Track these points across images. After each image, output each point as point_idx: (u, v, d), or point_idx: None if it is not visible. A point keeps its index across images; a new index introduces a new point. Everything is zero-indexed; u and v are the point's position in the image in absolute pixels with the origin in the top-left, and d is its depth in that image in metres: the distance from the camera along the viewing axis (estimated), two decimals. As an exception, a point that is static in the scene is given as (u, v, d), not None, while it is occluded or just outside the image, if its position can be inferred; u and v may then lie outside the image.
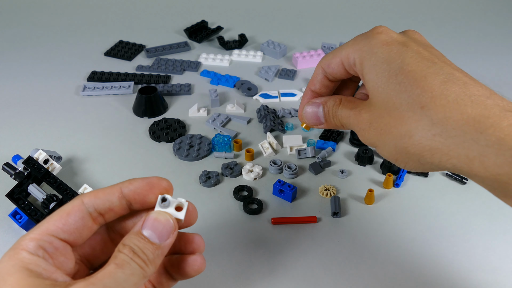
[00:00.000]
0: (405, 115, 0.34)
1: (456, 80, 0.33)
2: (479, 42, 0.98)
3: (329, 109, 0.41)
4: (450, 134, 0.32)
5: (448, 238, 0.54)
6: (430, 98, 0.33)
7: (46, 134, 0.70)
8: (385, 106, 0.36)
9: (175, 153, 0.66)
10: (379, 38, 0.37)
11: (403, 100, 0.34)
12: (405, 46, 0.36)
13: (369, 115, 0.37)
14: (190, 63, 0.87)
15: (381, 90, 0.36)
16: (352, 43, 0.39)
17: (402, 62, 0.35)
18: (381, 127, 0.36)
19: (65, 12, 1.09)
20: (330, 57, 0.41)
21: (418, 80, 0.34)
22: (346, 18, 1.08)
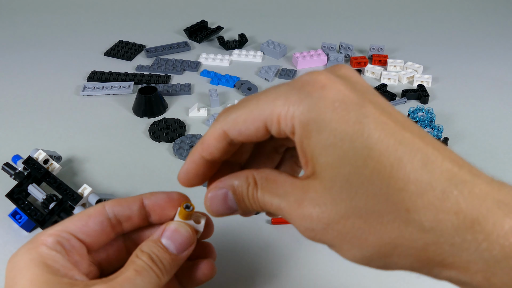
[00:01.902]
0: (384, 220, 0.26)
1: (435, 161, 0.26)
2: (479, 41, 0.98)
3: (242, 193, 0.31)
4: (447, 241, 0.25)
5: (448, 238, 0.54)
6: (415, 195, 0.25)
7: (46, 134, 0.70)
8: (352, 204, 0.26)
9: (175, 153, 0.66)
10: (327, 97, 0.27)
11: (379, 198, 0.26)
12: (362, 109, 0.27)
13: (322, 212, 0.27)
14: (190, 63, 0.87)
15: (344, 182, 0.26)
16: (285, 100, 0.27)
17: (367, 138, 0.26)
18: (346, 231, 0.27)
19: (65, 12, 1.09)
20: (242, 120, 0.29)
21: (395, 167, 0.25)
22: (346, 18, 1.08)
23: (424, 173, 0.25)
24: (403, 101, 0.77)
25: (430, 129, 0.65)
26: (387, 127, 0.26)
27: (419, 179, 0.25)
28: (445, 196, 0.25)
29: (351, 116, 0.26)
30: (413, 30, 1.02)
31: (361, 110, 0.27)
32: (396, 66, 0.86)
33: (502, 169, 0.63)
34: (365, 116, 0.26)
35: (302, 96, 0.27)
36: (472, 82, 0.83)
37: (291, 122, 0.27)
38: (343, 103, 0.27)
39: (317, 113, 0.27)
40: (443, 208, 0.25)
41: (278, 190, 0.29)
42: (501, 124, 0.72)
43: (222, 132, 0.30)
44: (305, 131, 0.27)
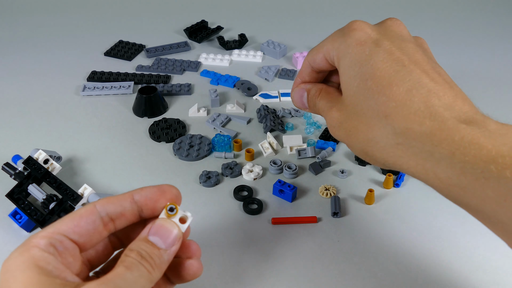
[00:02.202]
0: (371, 122, 0.36)
1: (421, 88, 0.34)
2: (478, 41, 0.98)
3: (311, 97, 0.44)
4: (411, 144, 0.33)
5: (448, 238, 0.54)
6: (393, 108, 0.34)
7: (46, 134, 0.70)
8: (354, 110, 0.37)
9: (175, 153, 0.66)
10: (353, 36, 0.38)
11: (370, 107, 0.36)
12: (377, 46, 0.37)
13: (340, 115, 0.39)
14: (190, 63, 0.87)
15: (352, 93, 0.37)
16: (331, 40, 0.40)
17: (372, 66, 0.36)
18: (349, 129, 0.38)
19: (65, 12, 1.09)
20: (315, 52, 0.42)
21: (384, 88, 0.35)
22: (346, 18, 1.08)
23: (407, 96, 0.34)
24: (403, 101, 0.77)
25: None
26: (392, 60, 0.36)
27: (400, 98, 0.34)
28: (416, 112, 0.33)
29: (365, 49, 0.37)
30: (412, 30, 1.02)
31: (375, 46, 0.36)
32: (396, 66, 0.86)
33: (502, 169, 0.63)
34: (377, 51, 0.36)
35: (339, 35, 0.39)
36: (472, 82, 0.83)
37: (332, 53, 0.40)
38: (364, 40, 0.37)
39: (344, 46, 0.38)
40: (412, 119, 0.33)
41: (328, 98, 0.42)
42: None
43: (306, 62, 0.44)
44: (337, 58, 0.39)
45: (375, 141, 0.36)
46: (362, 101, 0.36)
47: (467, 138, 0.32)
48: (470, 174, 0.31)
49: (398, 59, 0.36)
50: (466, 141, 0.32)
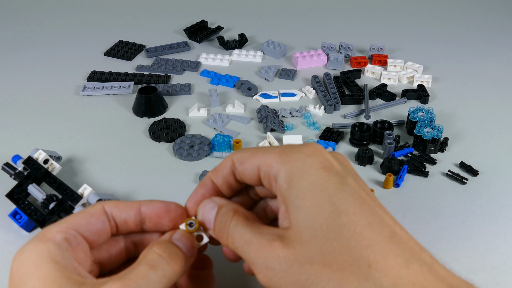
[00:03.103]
0: (346, 271, 0.28)
1: (401, 238, 0.29)
2: (479, 41, 0.98)
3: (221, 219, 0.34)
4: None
5: (448, 238, 0.54)
6: (380, 256, 0.28)
7: (46, 134, 0.70)
8: (320, 250, 0.28)
9: (175, 153, 0.66)
10: (316, 158, 0.31)
11: (345, 249, 0.28)
12: (343, 179, 0.31)
13: (291, 254, 0.29)
14: (190, 63, 0.87)
15: (317, 227, 0.29)
16: (279, 152, 0.32)
17: (344, 199, 0.30)
18: (306, 276, 0.28)
19: (65, 12, 1.08)
20: (247, 154, 0.34)
21: (365, 228, 0.29)
22: (346, 18, 1.08)
23: (391, 242, 0.28)
24: (403, 101, 0.77)
25: (430, 129, 0.65)
26: (363, 198, 0.30)
27: (385, 244, 0.28)
28: (406, 265, 0.28)
29: (332, 178, 0.30)
30: (413, 30, 1.02)
31: (342, 179, 0.31)
32: (396, 66, 0.86)
33: (502, 169, 0.63)
34: (344, 184, 0.30)
35: (294, 151, 0.32)
36: (472, 82, 0.83)
37: (278, 166, 0.32)
38: (328, 168, 0.31)
39: (303, 165, 0.31)
40: (402, 274, 0.27)
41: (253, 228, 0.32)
42: (501, 124, 0.72)
43: (231, 159, 0.35)
44: (288, 177, 0.31)
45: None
46: (333, 240, 0.28)
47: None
48: None
49: (365, 200, 0.30)
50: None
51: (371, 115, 0.74)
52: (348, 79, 0.81)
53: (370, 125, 0.68)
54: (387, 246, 0.28)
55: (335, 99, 0.76)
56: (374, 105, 0.76)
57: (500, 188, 0.60)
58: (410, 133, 0.69)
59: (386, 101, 0.77)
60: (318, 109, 0.74)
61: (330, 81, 0.80)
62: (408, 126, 0.70)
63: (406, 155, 0.65)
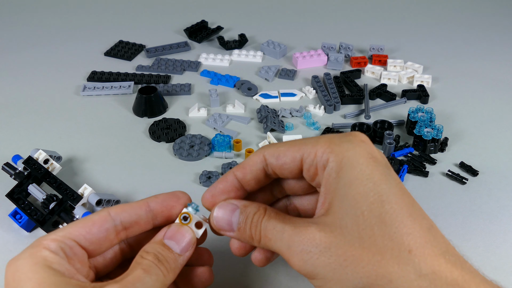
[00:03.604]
0: (387, 254, 0.28)
1: (436, 231, 0.31)
2: (479, 41, 0.98)
3: (249, 216, 0.34)
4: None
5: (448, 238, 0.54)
6: (420, 244, 0.29)
7: (46, 134, 0.70)
8: (359, 234, 0.29)
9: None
10: (364, 147, 0.32)
11: (386, 235, 0.29)
12: (388, 169, 0.32)
13: (328, 237, 0.29)
14: (190, 63, 0.87)
15: (359, 213, 0.29)
16: (328, 142, 0.32)
17: (388, 189, 0.30)
18: (345, 258, 0.29)
19: (65, 12, 1.09)
20: (284, 148, 0.34)
21: (406, 217, 0.29)
22: (346, 18, 1.08)
23: (429, 233, 0.30)
24: (403, 101, 0.77)
25: (430, 129, 0.65)
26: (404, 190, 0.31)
27: (424, 234, 0.29)
28: (444, 256, 0.29)
29: (379, 168, 0.31)
30: (413, 30, 1.02)
31: (388, 169, 0.32)
32: (396, 66, 0.86)
33: (502, 169, 0.63)
34: (390, 174, 0.31)
35: (343, 140, 0.32)
36: (472, 82, 0.83)
37: (327, 155, 0.32)
38: (376, 158, 0.32)
39: (353, 153, 0.31)
40: (441, 263, 0.28)
41: (285, 219, 0.32)
42: (501, 124, 0.72)
43: (262, 156, 0.34)
44: (338, 164, 0.31)
45: (388, 278, 0.28)
46: (374, 225, 0.29)
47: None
48: None
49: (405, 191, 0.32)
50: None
51: (371, 115, 0.74)
52: (348, 79, 0.81)
53: (370, 125, 0.68)
54: (426, 236, 0.29)
55: (335, 99, 0.76)
56: (374, 105, 0.76)
57: (500, 188, 0.60)
58: (410, 133, 0.69)
59: (386, 101, 0.77)
60: (318, 109, 0.74)
61: (330, 81, 0.80)
62: (408, 126, 0.70)
63: (406, 155, 0.65)
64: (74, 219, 0.52)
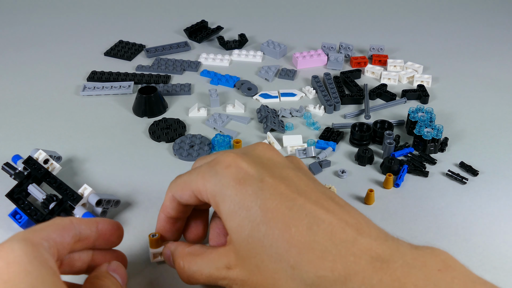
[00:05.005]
0: (276, 276, 0.30)
1: (321, 223, 0.30)
2: (479, 41, 0.98)
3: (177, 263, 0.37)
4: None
5: (448, 238, 0.54)
6: (298, 255, 0.29)
7: (46, 134, 0.70)
8: (254, 263, 0.31)
9: (175, 153, 0.66)
10: (229, 175, 0.33)
11: (271, 257, 0.30)
12: (260, 182, 0.32)
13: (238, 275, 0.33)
14: (190, 63, 0.87)
15: (246, 244, 0.32)
16: (200, 177, 0.35)
17: (261, 207, 0.31)
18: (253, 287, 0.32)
19: (65, 12, 1.09)
20: (180, 187, 0.37)
21: (282, 231, 0.30)
22: (346, 18, 1.08)
23: (308, 235, 0.30)
24: (403, 101, 0.77)
25: (430, 129, 0.65)
26: (280, 196, 0.31)
27: (302, 240, 0.29)
28: (324, 255, 0.29)
29: (248, 189, 0.32)
30: (413, 30, 1.02)
31: (258, 184, 0.32)
32: (396, 66, 0.86)
33: (502, 169, 0.63)
34: (260, 189, 0.32)
35: (212, 174, 0.34)
36: (472, 82, 0.83)
37: (206, 194, 0.34)
38: (242, 178, 0.32)
39: (220, 187, 0.33)
40: (321, 266, 0.29)
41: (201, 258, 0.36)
42: (501, 124, 0.72)
43: (170, 195, 0.38)
44: (214, 201, 0.34)
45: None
46: (261, 252, 0.31)
47: (386, 280, 0.28)
48: None
49: (285, 194, 0.32)
50: (386, 283, 0.28)
51: (371, 115, 0.74)
52: (348, 79, 0.81)
53: (370, 125, 0.68)
54: (304, 240, 0.30)
55: (335, 99, 0.76)
56: (374, 105, 0.76)
57: (500, 188, 0.60)
58: (410, 133, 0.69)
59: (386, 101, 0.77)
60: (318, 109, 0.74)
61: (330, 81, 0.80)
62: (408, 126, 0.70)
63: (406, 155, 0.65)
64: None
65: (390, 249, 0.29)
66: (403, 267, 0.28)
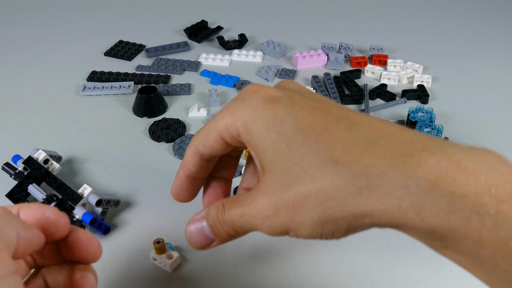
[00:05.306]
0: (319, 177, 0.29)
1: (359, 123, 0.29)
2: (479, 41, 0.98)
3: (214, 218, 0.34)
4: (377, 183, 0.27)
5: (448, 238, 0.54)
6: (342, 150, 0.28)
7: (46, 134, 0.70)
8: (290, 176, 0.30)
9: (175, 153, 0.66)
10: (258, 98, 0.32)
11: (311, 161, 0.29)
12: (290, 100, 0.31)
13: (271, 196, 0.31)
14: (190, 63, 0.87)
15: (283, 158, 0.30)
16: (228, 112, 0.33)
17: (294, 119, 0.30)
18: (291, 203, 0.30)
19: (65, 12, 1.09)
20: (204, 135, 0.35)
21: (320, 134, 0.29)
22: (346, 18, 1.08)
23: (349, 134, 0.29)
24: (403, 101, 0.77)
25: (430, 129, 0.65)
26: (313, 108, 0.30)
27: (345, 137, 0.29)
28: (371, 145, 0.28)
29: (278, 105, 0.31)
30: (413, 30, 1.02)
31: (288, 101, 0.31)
32: (396, 66, 0.86)
33: (502, 169, 0.63)
34: (292, 104, 0.31)
35: (239, 103, 0.33)
36: (472, 82, 0.83)
37: (235, 126, 0.32)
38: (272, 99, 0.31)
39: (250, 111, 0.31)
40: (369, 154, 0.28)
41: (238, 202, 0.33)
42: (501, 124, 0.72)
43: (193, 148, 0.36)
44: (244, 127, 0.32)
45: (331, 198, 0.28)
46: (299, 160, 0.29)
47: (444, 163, 0.26)
48: (460, 209, 0.25)
49: (317, 107, 0.31)
50: (444, 166, 0.26)
51: (371, 115, 0.74)
52: (348, 79, 0.81)
53: (370, 125, 0.68)
54: (346, 138, 0.29)
55: (335, 99, 0.76)
56: (374, 105, 0.76)
57: (500, 188, 0.60)
58: (410, 133, 0.69)
59: (386, 101, 0.77)
60: (318, 109, 0.74)
61: (330, 81, 0.80)
62: (408, 126, 0.70)
63: (406, 155, 0.65)
64: (74, 219, 0.52)
65: (440, 142, 0.28)
66: (460, 153, 0.27)
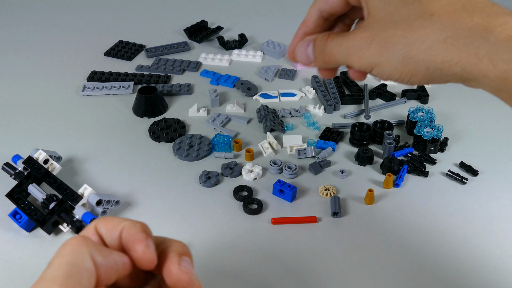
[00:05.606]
0: (414, 24, 0.34)
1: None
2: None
3: (318, 44, 0.41)
4: (461, 35, 0.32)
5: (448, 238, 0.54)
6: (439, 7, 0.34)
7: (46, 134, 0.70)
8: (390, 20, 0.36)
9: (175, 153, 0.66)
10: None
11: (411, 11, 0.35)
12: None
13: (370, 32, 0.36)
14: (190, 63, 0.87)
15: (388, 5, 0.36)
16: None
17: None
18: (386, 41, 0.36)
19: (65, 12, 1.09)
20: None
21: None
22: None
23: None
24: (403, 101, 0.77)
25: (430, 129, 0.65)
26: None
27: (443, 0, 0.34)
28: (464, 9, 0.33)
29: None
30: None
31: None
32: (396, 66, 0.86)
33: (502, 169, 0.63)
34: None
35: None
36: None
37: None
38: None
39: None
40: (460, 15, 0.33)
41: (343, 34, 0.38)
42: (501, 124, 0.72)
43: (316, 9, 0.42)
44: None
45: (420, 41, 0.34)
46: (400, 8, 0.35)
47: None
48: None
49: None
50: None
51: (371, 115, 0.74)
52: (348, 79, 0.81)
53: (370, 125, 0.68)
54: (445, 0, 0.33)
55: (335, 99, 0.76)
56: (374, 105, 0.76)
57: (500, 188, 0.60)
58: (410, 133, 0.69)
59: (386, 101, 0.77)
60: (318, 109, 0.74)
61: (330, 81, 0.80)
62: (408, 126, 0.70)
63: (406, 155, 0.65)
64: (74, 219, 0.52)
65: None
66: None
